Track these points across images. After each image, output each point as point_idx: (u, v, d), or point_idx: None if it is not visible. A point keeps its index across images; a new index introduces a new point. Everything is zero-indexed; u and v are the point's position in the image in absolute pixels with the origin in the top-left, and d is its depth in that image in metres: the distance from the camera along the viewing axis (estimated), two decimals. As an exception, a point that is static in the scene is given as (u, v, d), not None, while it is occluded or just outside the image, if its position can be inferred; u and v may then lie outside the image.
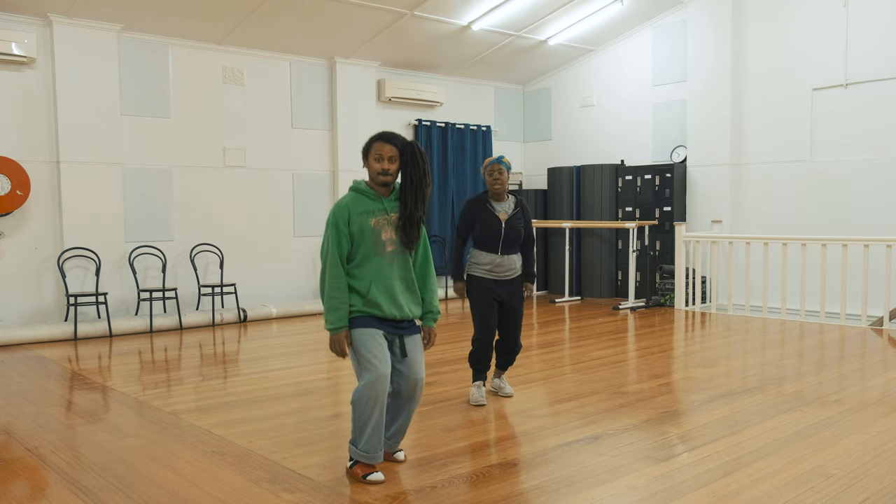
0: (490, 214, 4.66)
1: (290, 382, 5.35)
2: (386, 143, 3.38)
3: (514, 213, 4.71)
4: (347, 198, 3.42)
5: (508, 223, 4.66)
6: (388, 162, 3.37)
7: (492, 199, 4.72)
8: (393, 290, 3.40)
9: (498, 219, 4.66)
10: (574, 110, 11.11)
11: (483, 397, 4.69)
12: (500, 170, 4.65)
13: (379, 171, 3.38)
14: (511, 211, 4.71)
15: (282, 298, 9.08)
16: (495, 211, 4.67)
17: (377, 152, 3.38)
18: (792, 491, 3.12)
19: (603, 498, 3.10)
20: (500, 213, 4.67)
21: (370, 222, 3.36)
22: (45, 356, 6.47)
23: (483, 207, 4.68)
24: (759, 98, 9.14)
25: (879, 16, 8.12)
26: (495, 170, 4.66)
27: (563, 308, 9.39)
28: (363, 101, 9.74)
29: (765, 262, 8.28)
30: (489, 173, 4.68)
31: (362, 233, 3.35)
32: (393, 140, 3.39)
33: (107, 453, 3.77)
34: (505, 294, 4.68)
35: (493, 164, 4.66)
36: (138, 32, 7.99)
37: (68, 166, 7.56)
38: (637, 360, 6.05)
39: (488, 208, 4.68)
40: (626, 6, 9.44)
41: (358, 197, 3.41)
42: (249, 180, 8.93)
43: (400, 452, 3.64)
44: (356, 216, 3.35)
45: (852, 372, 5.49)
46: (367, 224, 3.36)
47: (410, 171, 3.37)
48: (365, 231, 3.35)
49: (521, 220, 4.72)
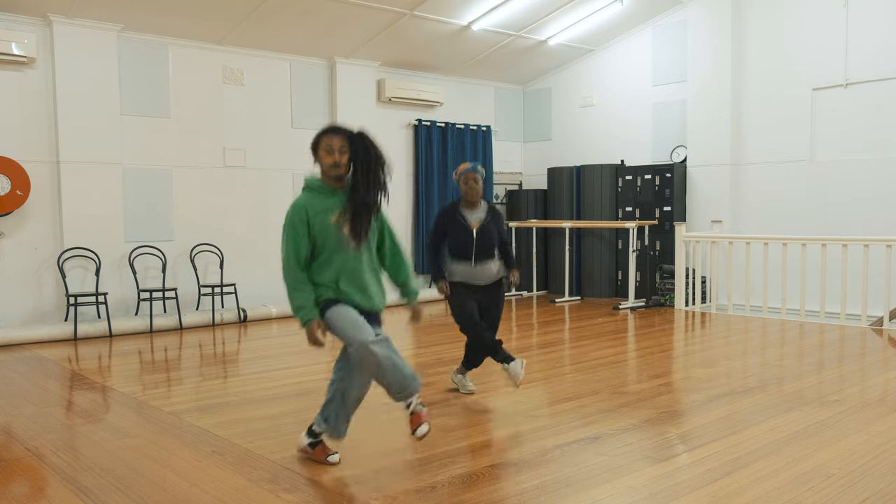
0: (461, 225, 4.66)
1: (290, 382, 5.35)
2: (335, 136, 3.33)
3: (486, 221, 4.70)
4: (303, 198, 3.37)
5: (480, 231, 4.66)
6: (338, 154, 3.32)
7: (464, 208, 4.71)
8: (363, 283, 3.39)
9: (469, 228, 4.65)
10: (574, 110, 11.11)
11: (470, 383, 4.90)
12: (475, 178, 4.63)
13: (331, 164, 3.33)
14: (483, 220, 4.70)
15: (282, 298, 9.07)
16: (467, 220, 4.67)
17: (327, 144, 3.33)
18: (792, 491, 3.12)
19: (603, 498, 3.10)
20: (471, 221, 4.67)
21: (330, 220, 3.32)
22: (45, 356, 6.48)
23: (454, 218, 4.67)
24: (759, 98, 9.14)
25: (879, 16, 8.12)
26: (470, 178, 4.63)
27: (563, 308, 9.39)
28: (363, 101, 9.74)
29: (765, 262, 8.28)
30: (464, 181, 4.65)
31: (324, 231, 3.31)
32: (341, 131, 3.35)
33: (107, 453, 3.78)
34: (484, 299, 4.73)
35: (469, 173, 4.64)
36: (138, 32, 7.99)
37: (68, 166, 7.56)
38: (637, 360, 6.05)
39: (459, 219, 4.66)
40: (626, 6, 9.44)
41: (313, 195, 3.38)
42: (249, 180, 8.93)
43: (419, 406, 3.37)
44: (315, 216, 3.32)
45: (852, 372, 5.49)
46: (327, 222, 3.32)
47: (361, 158, 3.31)
48: (327, 229, 3.31)
49: (493, 227, 4.72)
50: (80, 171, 7.62)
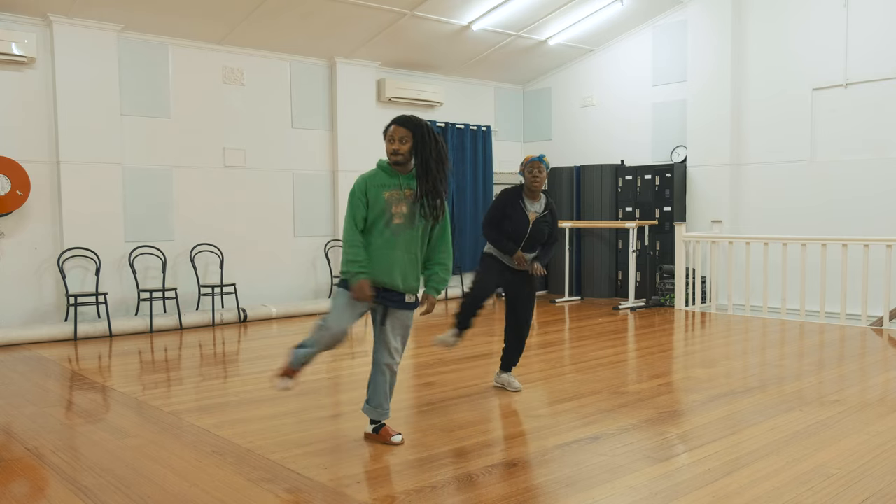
0: (520, 212, 4.70)
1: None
2: (398, 126, 3.70)
3: (543, 215, 4.75)
4: (369, 173, 3.77)
5: (535, 224, 4.71)
6: (398, 143, 3.69)
7: (526, 196, 4.75)
8: (391, 262, 3.69)
9: (527, 217, 4.71)
10: (574, 110, 11.11)
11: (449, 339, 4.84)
12: (539, 167, 4.70)
13: (390, 151, 3.71)
14: (541, 212, 4.75)
15: (282, 298, 9.08)
16: (526, 209, 4.71)
17: (390, 134, 3.72)
18: (792, 491, 3.12)
19: (603, 498, 3.10)
20: (530, 212, 4.71)
21: (384, 195, 3.68)
22: (45, 356, 6.47)
23: (516, 202, 4.71)
24: (759, 98, 9.14)
25: (879, 16, 8.12)
26: (535, 167, 4.70)
27: (563, 308, 9.39)
28: (363, 101, 9.74)
29: (765, 262, 8.27)
30: (529, 170, 4.71)
31: (376, 202, 3.67)
32: (405, 123, 3.71)
33: (107, 453, 3.77)
34: (512, 283, 4.77)
35: (534, 162, 4.71)
36: (138, 32, 7.99)
37: (68, 166, 7.56)
38: (637, 360, 6.05)
39: (520, 205, 4.71)
40: (626, 6, 9.44)
41: (378, 172, 3.75)
42: (249, 180, 8.93)
43: (396, 436, 3.84)
44: (373, 188, 3.69)
45: (852, 372, 5.49)
46: (380, 196, 3.67)
47: (421, 151, 3.68)
48: (378, 201, 3.67)
49: (547, 223, 4.77)
50: (80, 171, 7.62)
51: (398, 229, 3.68)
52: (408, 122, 3.70)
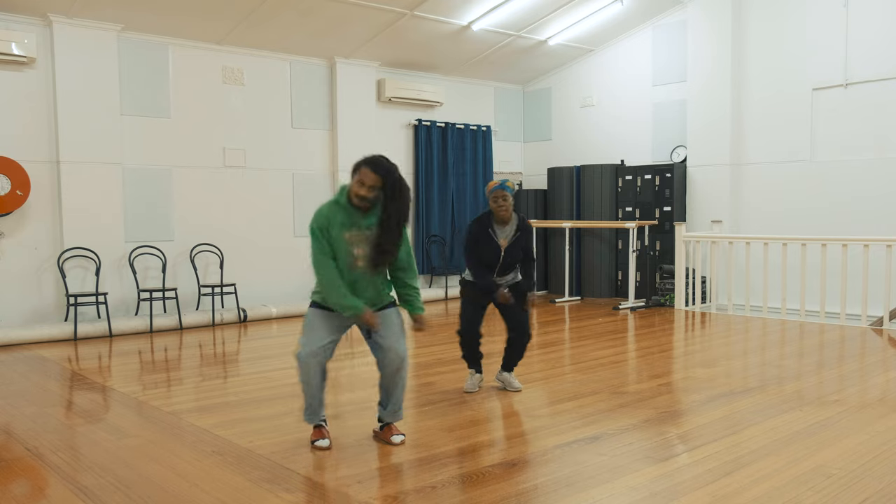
0: (491, 241, 4.68)
1: (290, 382, 5.33)
2: (371, 172, 3.55)
3: (515, 239, 4.73)
4: (327, 207, 3.66)
5: (508, 250, 4.71)
6: (367, 190, 3.55)
7: (496, 223, 4.73)
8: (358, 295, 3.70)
9: (497, 246, 4.69)
10: (574, 110, 11.11)
11: (474, 386, 4.94)
12: (504, 195, 4.64)
13: (357, 195, 3.57)
14: (511, 236, 4.72)
15: (282, 298, 9.07)
16: (497, 237, 4.69)
17: (361, 178, 3.56)
18: (792, 491, 3.12)
19: (603, 498, 3.10)
20: (500, 238, 4.70)
21: (344, 235, 3.61)
22: (45, 356, 6.47)
23: (485, 232, 4.69)
24: (759, 98, 9.14)
25: (879, 16, 8.12)
26: (499, 196, 4.64)
27: (563, 308, 9.39)
28: (363, 101, 9.74)
29: (765, 262, 8.27)
30: (493, 199, 4.66)
31: (338, 243, 3.62)
32: (376, 168, 3.55)
33: (107, 453, 3.77)
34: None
35: (497, 191, 4.64)
36: (138, 32, 7.99)
37: (68, 166, 7.56)
38: (637, 360, 6.05)
39: (490, 234, 4.69)
40: (626, 6, 9.44)
41: (337, 210, 3.64)
42: (249, 180, 8.93)
43: (397, 436, 3.83)
44: (334, 227, 3.61)
45: (852, 372, 5.49)
46: (341, 237, 3.61)
47: (388, 205, 3.59)
48: (339, 242, 3.62)
49: (519, 245, 4.76)
50: (80, 171, 7.62)
51: (361, 270, 3.67)
52: (379, 167, 3.55)
